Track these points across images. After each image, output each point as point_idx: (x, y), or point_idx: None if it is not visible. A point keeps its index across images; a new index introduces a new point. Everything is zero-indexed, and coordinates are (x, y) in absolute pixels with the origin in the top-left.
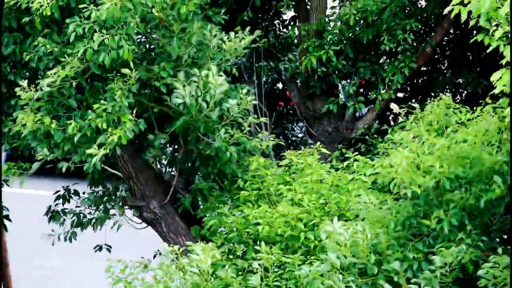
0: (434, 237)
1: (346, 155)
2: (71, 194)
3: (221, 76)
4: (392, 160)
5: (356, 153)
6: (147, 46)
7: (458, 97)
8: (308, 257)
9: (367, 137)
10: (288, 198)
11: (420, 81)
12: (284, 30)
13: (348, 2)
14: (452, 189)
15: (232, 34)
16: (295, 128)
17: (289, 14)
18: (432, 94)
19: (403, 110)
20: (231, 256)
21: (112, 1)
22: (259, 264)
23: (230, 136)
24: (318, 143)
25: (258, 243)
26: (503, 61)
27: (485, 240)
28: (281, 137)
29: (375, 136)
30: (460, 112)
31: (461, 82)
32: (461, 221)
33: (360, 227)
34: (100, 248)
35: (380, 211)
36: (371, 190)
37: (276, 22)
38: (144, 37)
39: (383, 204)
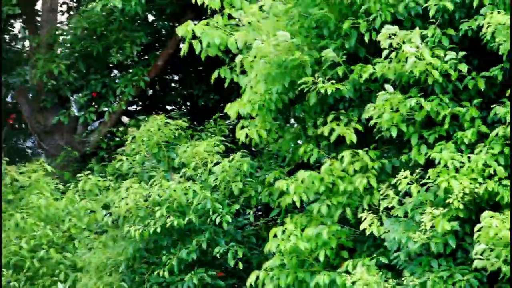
0: (170, 270)
1: (78, 175)
2: None
3: None
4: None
5: (89, 172)
6: None
7: (190, 109)
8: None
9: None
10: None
11: (152, 94)
12: (13, 43)
13: (77, 14)
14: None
15: None
16: (29, 141)
17: (18, 25)
18: (165, 107)
19: (132, 123)
20: None
21: None
22: None
23: None
24: (42, 159)
25: None
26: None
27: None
28: (12, 151)
29: (109, 149)
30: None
31: (194, 94)
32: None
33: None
34: None
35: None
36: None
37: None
38: None
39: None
